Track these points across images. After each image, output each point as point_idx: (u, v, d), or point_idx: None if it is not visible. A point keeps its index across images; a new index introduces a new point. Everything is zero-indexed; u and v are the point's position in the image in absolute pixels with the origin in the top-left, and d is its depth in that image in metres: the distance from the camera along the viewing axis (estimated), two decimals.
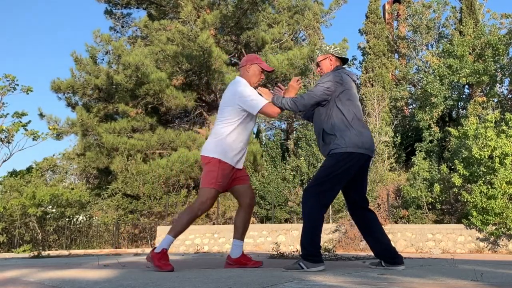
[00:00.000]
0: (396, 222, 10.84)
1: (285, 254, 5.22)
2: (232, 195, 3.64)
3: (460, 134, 11.27)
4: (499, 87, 14.87)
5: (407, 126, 17.13)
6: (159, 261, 3.16)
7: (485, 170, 9.89)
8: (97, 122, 15.92)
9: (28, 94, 12.84)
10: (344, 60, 3.47)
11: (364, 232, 3.33)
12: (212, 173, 3.35)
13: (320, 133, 3.28)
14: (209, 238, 11.25)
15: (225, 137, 3.43)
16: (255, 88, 3.61)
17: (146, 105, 16.42)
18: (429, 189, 11.04)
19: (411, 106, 18.07)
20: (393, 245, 3.34)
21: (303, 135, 14.69)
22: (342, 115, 3.18)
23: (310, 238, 3.07)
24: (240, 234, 3.53)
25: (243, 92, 3.43)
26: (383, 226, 10.76)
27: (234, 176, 3.49)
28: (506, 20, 17.55)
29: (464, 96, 15.79)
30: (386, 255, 3.31)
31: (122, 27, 20.70)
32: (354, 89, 3.33)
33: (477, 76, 13.65)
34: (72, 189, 16.20)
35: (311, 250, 3.04)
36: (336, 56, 3.41)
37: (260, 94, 3.53)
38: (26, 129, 12.58)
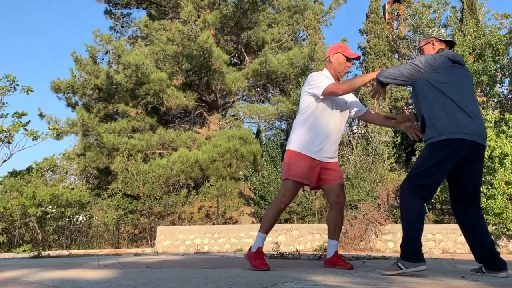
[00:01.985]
0: (396, 222, 10.84)
1: (285, 254, 5.21)
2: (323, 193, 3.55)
3: None
4: (499, 87, 14.86)
5: None
6: (256, 261, 3.16)
7: (484, 170, 9.89)
8: (97, 122, 15.93)
9: (28, 94, 12.85)
10: (450, 43, 3.21)
11: (467, 232, 3.02)
12: (285, 165, 3.36)
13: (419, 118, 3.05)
14: (209, 238, 11.25)
15: (298, 127, 3.40)
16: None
17: (146, 105, 16.42)
18: None
19: (411, 106, 18.07)
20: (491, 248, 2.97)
21: None
22: (434, 99, 2.89)
23: (407, 235, 2.88)
24: (332, 233, 3.44)
25: (309, 80, 3.40)
26: (383, 226, 10.71)
27: (321, 171, 3.38)
28: (506, 20, 17.56)
29: None
30: (490, 259, 2.91)
31: (122, 27, 20.72)
32: (454, 71, 2.98)
33: (477, 76, 13.65)
34: (72, 189, 16.21)
35: (408, 248, 2.84)
36: (439, 40, 3.17)
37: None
38: (26, 129, 12.59)
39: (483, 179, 9.80)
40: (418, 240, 2.84)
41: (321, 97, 3.31)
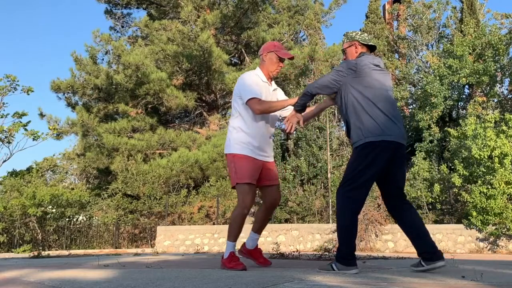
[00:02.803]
0: (396, 222, 10.84)
1: (285, 254, 5.22)
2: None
3: (459, 135, 11.28)
4: (499, 87, 14.86)
5: (407, 126, 17.11)
6: (230, 263, 3.21)
7: (484, 170, 9.90)
8: (97, 122, 15.93)
9: (28, 94, 12.85)
10: (371, 48, 3.27)
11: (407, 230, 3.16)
12: (231, 171, 3.35)
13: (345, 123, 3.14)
14: (209, 238, 11.25)
15: (234, 130, 3.40)
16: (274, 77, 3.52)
17: (146, 105, 16.42)
18: (429, 189, 11.04)
19: (411, 106, 18.06)
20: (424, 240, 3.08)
21: (303, 135, 14.69)
22: (357, 103, 2.98)
23: (341, 240, 2.97)
24: (257, 228, 3.56)
25: (241, 82, 3.41)
26: (383, 226, 10.72)
27: (262, 170, 3.43)
28: (506, 20, 17.55)
29: (464, 96, 15.78)
30: (430, 251, 3.00)
31: (122, 27, 20.72)
32: (375, 75, 3.06)
33: (477, 76, 13.65)
34: (72, 189, 16.22)
35: (342, 251, 2.94)
36: (362, 43, 3.23)
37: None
38: (26, 129, 12.58)
39: (482, 179, 9.81)
40: (352, 244, 2.96)
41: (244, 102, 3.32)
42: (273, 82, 3.57)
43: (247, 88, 3.35)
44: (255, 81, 3.41)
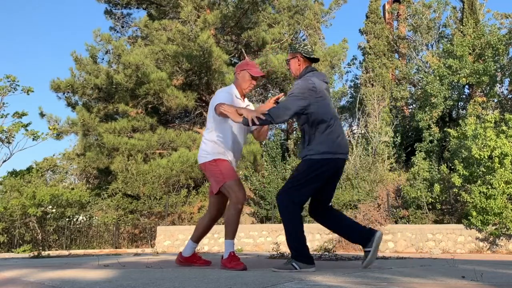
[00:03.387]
0: (396, 222, 10.84)
1: (285, 254, 5.22)
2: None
3: (459, 135, 11.27)
4: (499, 87, 14.86)
5: (407, 126, 17.13)
6: (231, 263, 3.31)
7: (484, 170, 9.89)
8: (97, 122, 15.91)
9: (28, 94, 12.82)
10: (313, 60, 3.38)
11: (336, 227, 3.41)
12: (217, 174, 3.51)
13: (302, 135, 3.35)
14: (209, 238, 11.25)
15: (208, 140, 3.59)
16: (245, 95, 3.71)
17: (147, 105, 16.41)
18: (429, 189, 11.04)
19: (411, 106, 18.07)
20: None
21: None
22: (318, 122, 3.17)
23: (292, 243, 3.17)
24: (197, 237, 3.74)
25: (215, 98, 3.57)
26: (383, 226, 10.74)
27: None
28: (506, 20, 17.55)
29: (464, 96, 15.78)
30: (363, 236, 3.31)
31: (122, 27, 20.71)
32: (326, 92, 3.29)
33: (477, 76, 13.65)
34: (72, 189, 16.20)
35: (301, 252, 3.11)
36: (304, 56, 3.32)
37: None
38: (26, 130, 12.57)
39: (482, 179, 9.81)
40: (304, 245, 3.17)
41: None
42: (246, 99, 3.75)
43: (217, 99, 3.51)
44: (227, 97, 3.57)
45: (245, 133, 3.74)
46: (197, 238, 3.74)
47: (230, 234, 3.41)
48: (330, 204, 3.46)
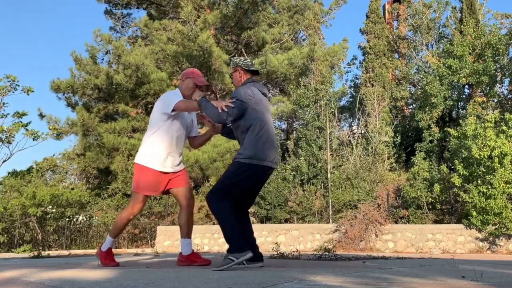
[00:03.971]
0: (396, 222, 10.84)
1: (285, 254, 5.22)
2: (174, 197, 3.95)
3: (459, 135, 11.27)
4: (499, 87, 14.86)
5: (407, 126, 17.12)
6: (106, 260, 3.71)
7: (484, 170, 9.89)
8: (97, 122, 15.92)
9: (28, 94, 12.81)
10: (254, 72, 3.63)
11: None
12: (135, 178, 3.79)
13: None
14: (209, 238, 11.24)
15: (146, 142, 3.77)
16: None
17: (147, 105, 16.41)
18: (429, 189, 11.04)
19: (411, 106, 18.06)
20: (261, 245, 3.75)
21: (303, 135, 14.69)
22: (250, 127, 3.36)
23: (227, 235, 3.33)
24: (185, 233, 3.83)
25: (163, 98, 3.77)
26: (383, 226, 10.74)
27: (169, 180, 3.78)
28: (507, 20, 17.55)
29: (464, 96, 15.78)
30: (254, 253, 3.45)
31: (122, 27, 20.72)
32: (264, 102, 3.50)
33: (477, 76, 13.64)
34: (72, 189, 16.18)
35: (234, 244, 3.26)
36: (245, 69, 3.59)
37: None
38: (27, 129, 12.56)
39: (482, 179, 9.80)
40: (237, 235, 3.30)
41: (172, 113, 3.67)
42: None
43: (170, 99, 3.70)
44: (176, 96, 3.76)
45: (185, 138, 3.92)
46: (185, 233, 3.83)
47: (113, 233, 3.79)
48: (247, 210, 3.65)
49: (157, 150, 3.70)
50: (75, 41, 51.12)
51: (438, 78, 14.24)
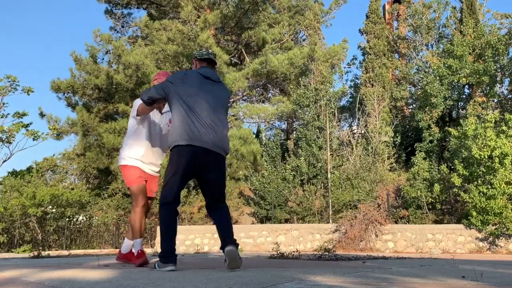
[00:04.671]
0: (396, 222, 10.84)
1: (285, 254, 5.21)
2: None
3: (460, 134, 11.27)
4: (499, 87, 14.86)
5: (407, 126, 17.12)
6: (138, 259, 3.88)
7: (485, 170, 9.89)
8: (97, 122, 15.91)
9: (29, 94, 12.82)
10: (208, 61, 3.62)
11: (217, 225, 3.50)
12: (125, 178, 4.06)
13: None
14: (209, 238, 11.24)
15: (125, 146, 4.06)
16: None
17: None
18: (429, 189, 11.04)
19: (411, 106, 18.06)
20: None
21: (303, 135, 14.69)
22: (179, 110, 3.32)
23: (161, 239, 3.37)
24: (138, 233, 4.05)
25: (135, 105, 4.02)
26: (383, 226, 10.75)
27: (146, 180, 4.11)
28: (506, 20, 17.55)
29: (464, 96, 15.78)
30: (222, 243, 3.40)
31: (123, 27, 20.70)
32: (205, 86, 3.42)
33: (477, 76, 13.64)
34: (72, 189, 16.18)
35: (163, 249, 3.29)
36: (199, 59, 3.62)
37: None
38: (27, 130, 12.56)
39: (482, 179, 9.80)
40: (170, 242, 3.29)
41: (137, 117, 3.93)
42: (166, 106, 4.06)
43: (135, 104, 4.01)
44: (138, 101, 4.01)
45: (164, 140, 4.10)
46: (139, 234, 4.04)
47: (137, 235, 3.94)
48: (222, 203, 3.48)
49: (134, 153, 3.98)
50: (75, 41, 51.12)
51: (438, 78, 14.23)
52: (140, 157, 3.99)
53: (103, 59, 18.22)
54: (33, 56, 59.67)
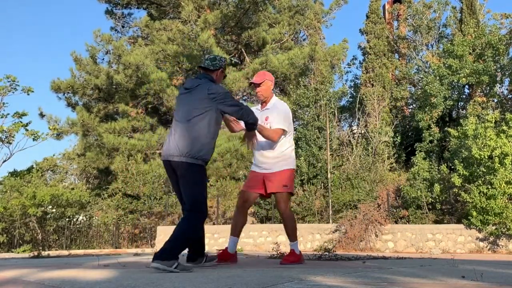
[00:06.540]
0: (396, 222, 10.83)
1: (285, 254, 5.21)
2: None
3: (460, 134, 11.27)
4: (499, 87, 14.85)
5: (407, 126, 17.12)
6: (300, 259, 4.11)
7: (485, 170, 9.89)
8: (97, 122, 15.92)
9: (28, 94, 12.83)
10: (203, 68, 3.73)
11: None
12: (290, 181, 4.15)
13: None
14: (209, 238, 11.24)
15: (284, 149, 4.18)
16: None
17: (147, 105, 16.41)
18: (429, 189, 11.04)
19: (411, 106, 18.06)
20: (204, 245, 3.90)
21: (303, 135, 14.68)
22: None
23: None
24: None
25: (286, 109, 4.53)
26: (383, 226, 10.74)
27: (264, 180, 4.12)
28: (506, 20, 17.55)
29: (464, 96, 15.77)
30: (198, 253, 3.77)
31: (123, 27, 20.71)
32: (182, 98, 3.57)
33: (477, 76, 13.63)
34: (72, 189, 16.19)
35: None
36: (199, 66, 3.80)
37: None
38: (26, 129, 12.57)
39: (482, 179, 9.79)
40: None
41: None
42: (268, 103, 4.54)
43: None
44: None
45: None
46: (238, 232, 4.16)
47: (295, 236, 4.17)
48: (186, 208, 3.47)
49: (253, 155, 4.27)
50: (75, 41, 51.13)
51: (438, 78, 14.23)
52: (254, 159, 4.30)
53: (103, 59, 18.24)
54: (33, 56, 59.68)
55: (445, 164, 11.77)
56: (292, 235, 4.07)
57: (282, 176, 3.98)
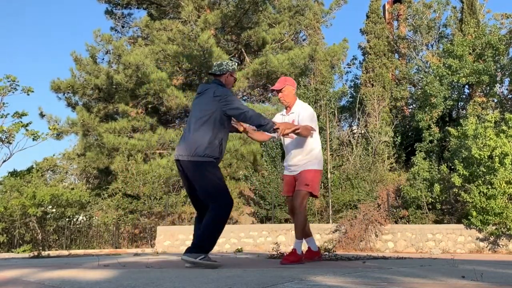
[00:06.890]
0: (396, 222, 10.84)
1: (285, 254, 5.21)
2: None
3: (460, 134, 11.27)
4: (499, 87, 14.85)
5: (407, 126, 17.12)
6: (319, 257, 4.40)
7: (485, 170, 9.88)
8: (97, 122, 15.91)
9: (28, 94, 12.83)
10: (212, 74, 3.98)
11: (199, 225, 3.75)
12: (315, 182, 4.27)
13: None
14: None
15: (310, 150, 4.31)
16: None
17: (147, 105, 16.41)
18: (429, 189, 11.04)
19: (411, 106, 18.06)
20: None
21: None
22: None
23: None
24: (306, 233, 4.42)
25: (311, 113, 4.39)
26: (383, 226, 10.75)
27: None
28: (507, 20, 17.55)
29: (464, 96, 15.77)
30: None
31: (123, 27, 20.71)
32: (194, 102, 3.85)
33: (477, 76, 13.63)
34: (72, 189, 16.19)
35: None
36: (208, 73, 4.07)
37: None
38: (26, 129, 12.57)
39: (482, 179, 9.79)
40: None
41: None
42: (292, 107, 4.54)
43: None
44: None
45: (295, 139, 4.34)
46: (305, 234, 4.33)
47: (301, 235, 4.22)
48: (211, 204, 3.59)
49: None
50: (75, 41, 51.11)
51: (438, 78, 14.23)
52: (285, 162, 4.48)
53: (103, 59, 18.24)
54: (33, 56, 59.67)
55: (445, 164, 11.78)
56: (297, 233, 4.14)
57: (306, 175, 4.16)
